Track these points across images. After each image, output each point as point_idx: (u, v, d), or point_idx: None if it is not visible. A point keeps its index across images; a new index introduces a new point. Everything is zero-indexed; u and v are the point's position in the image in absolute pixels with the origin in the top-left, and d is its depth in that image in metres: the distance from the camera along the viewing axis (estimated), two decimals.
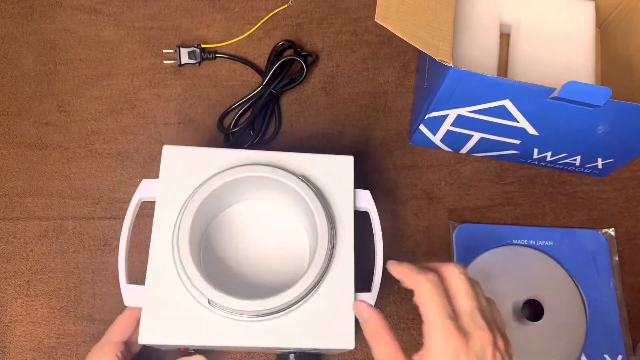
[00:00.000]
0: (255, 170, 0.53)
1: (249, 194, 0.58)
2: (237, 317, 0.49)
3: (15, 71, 0.71)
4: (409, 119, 0.72)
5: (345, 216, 0.54)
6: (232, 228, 0.58)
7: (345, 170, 0.56)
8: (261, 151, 0.56)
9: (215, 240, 0.57)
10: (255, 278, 0.56)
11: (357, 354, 0.62)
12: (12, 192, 0.66)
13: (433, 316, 0.41)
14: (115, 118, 0.70)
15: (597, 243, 0.68)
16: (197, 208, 0.51)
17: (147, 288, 0.50)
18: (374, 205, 0.56)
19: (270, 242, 0.58)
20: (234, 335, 0.49)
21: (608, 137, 0.60)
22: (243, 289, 0.54)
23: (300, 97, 0.72)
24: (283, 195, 0.56)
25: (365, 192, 0.56)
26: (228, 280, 0.55)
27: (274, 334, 0.49)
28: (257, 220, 0.58)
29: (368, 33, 0.76)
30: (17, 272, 0.63)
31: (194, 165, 0.54)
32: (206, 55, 0.72)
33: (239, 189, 0.55)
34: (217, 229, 0.58)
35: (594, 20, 0.70)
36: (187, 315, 0.49)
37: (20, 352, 0.61)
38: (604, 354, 0.64)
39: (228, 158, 0.55)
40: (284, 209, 0.59)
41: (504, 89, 0.55)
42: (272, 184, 0.54)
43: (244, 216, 0.58)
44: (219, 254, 0.57)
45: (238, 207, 0.58)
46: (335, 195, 0.55)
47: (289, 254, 0.57)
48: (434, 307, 0.42)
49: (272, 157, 0.55)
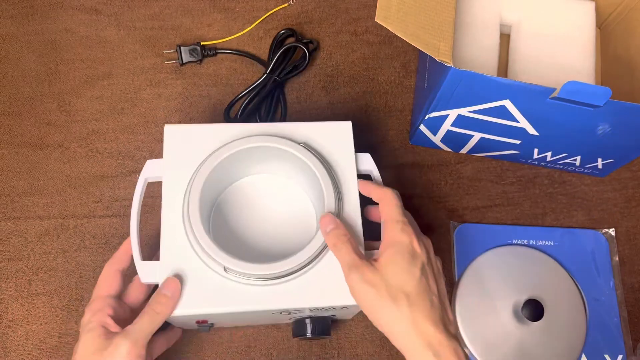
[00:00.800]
0: (257, 141, 0.54)
1: (253, 168, 0.58)
2: (254, 281, 0.50)
3: (16, 71, 0.71)
4: (409, 119, 0.73)
5: (349, 178, 0.55)
6: (240, 201, 0.58)
7: (345, 135, 0.57)
8: (260, 124, 0.57)
9: (224, 213, 0.58)
10: (265, 246, 0.57)
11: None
12: (13, 191, 0.66)
13: (393, 215, 0.50)
14: (116, 118, 0.70)
15: (597, 243, 0.68)
16: (204, 182, 0.52)
17: (162, 263, 0.50)
18: (375, 167, 0.57)
19: (278, 211, 0.58)
20: (252, 299, 0.50)
21: (608, 137, 0.60)
22: (254, 257, 0.55)
23: (300, 96, 0.72)
24: (287, 166, 0.57)
25: (366, 155, 0.57)
26: (239, 250, 0.56)
27: (290, 295, 0.50)
28: (264, 192, 0.59)
29: (368, 33, 0.76)
30: (18, 272, 0.63)
31: (197, 142, 0.55)
32: (207, 52, 0.72)
33: (243, 161, 0.56)
34: (225, 203, 0.58)
35: (594, 20, 0.70)
36: (204, 285, 0.50)
37: (22, 351, 0.61)
38: (604, 353, 0.64)
39: (229, 132, 0.56)
40: (290, 181, 0.59)
41: (504, 89, 0.55)
42: (275, 154, 0.55)
43: (250, 189, 0.59)
44: (228, 226, 0.57)
45: (244, 181, 0.59)
46: (337, 159, 0.56)
47: (296, 222, 0.58)
48: (395, 209, 0.50)
49: (272, 128, 0.56)
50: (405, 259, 0.47)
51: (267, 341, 0.62)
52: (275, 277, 0.50)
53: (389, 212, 0.51)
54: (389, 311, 0.46)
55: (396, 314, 0.45)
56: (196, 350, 0.62)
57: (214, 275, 0.50)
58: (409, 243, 0.48)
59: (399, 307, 0.45)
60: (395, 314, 0.45)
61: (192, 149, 0.55)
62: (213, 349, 0.62)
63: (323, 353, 0.62)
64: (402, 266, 0.47)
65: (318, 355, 0.62)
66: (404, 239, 0.48)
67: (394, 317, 0.46)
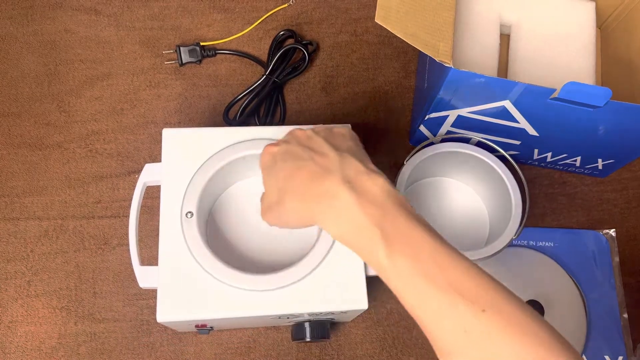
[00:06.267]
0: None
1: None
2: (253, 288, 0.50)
3: (15, 72, 0.71)
4: (409, 120, 0.72)
5: None
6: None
7: None
8: (259, 127, 0.57)
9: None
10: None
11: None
12: (12, 192, 0.66)
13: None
14: (116, 118, 0.70)
15: (597, 244, 0.68)
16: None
17: (161, 268, 0.50)
18: None
19: None
20: (250, 305, 0.50)
21: (608, 137, 0.60)
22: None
23: (300, 96, 0.72)
24: None
25: None
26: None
27: (288, 300, 0.50)
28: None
29: (368, 33, 0.76)
30: (18, 273, 0.63)
31: (195, 145, 0.55)
32: (206, 53, 0.72)
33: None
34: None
35: (594, 20, 0.70)
36: (202, 290, 0.50)
37: (22, 352, 0.61)
38: (605, 354, 0.64)
39: (228, 136, 0.55)
40: None
41: (504, 89, 0.55)
42: None
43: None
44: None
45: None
46: None
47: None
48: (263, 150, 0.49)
49: (271, 132, 0.56)
50: (264, 174, 0.48)
51: (266, 343, 0.62)
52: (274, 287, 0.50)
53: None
54: (289, 214, 0.45)
55: (295, 212, 0.44)
56: (196, 351, 0.62)
57: (213, 280, 0.50)
58: (261, 158, 0.49)
59: (284, 206, 0.44)
60: (295, 212, 0.44)
61: (190, 153, 0.54)
62: (212, 350, 0.62)
63: (323, 355, 0.62)
64: (264, 180, 0.48)
65: (318, 357, 0.62)
66: (263, 158, 0.49)
67: (296, 214, 0.44)
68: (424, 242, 0.38)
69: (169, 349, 0.61)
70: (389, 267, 0.38)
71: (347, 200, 0.40)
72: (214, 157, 0.54)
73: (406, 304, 0.39)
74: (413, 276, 0.37)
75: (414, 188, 0.67)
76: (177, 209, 0.52)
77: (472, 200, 0.68)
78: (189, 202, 0.52)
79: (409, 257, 0.38)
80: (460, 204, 0.67)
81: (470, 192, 0.68)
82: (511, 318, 0.36)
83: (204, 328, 0.55)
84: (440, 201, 0.67)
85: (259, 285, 0.50)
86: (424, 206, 0.67)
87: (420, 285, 0.37)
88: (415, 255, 0.38)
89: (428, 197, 0.67)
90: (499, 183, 0.62)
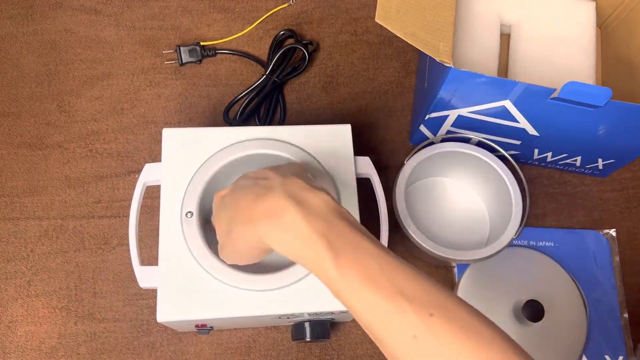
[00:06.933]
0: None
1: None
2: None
3: (15, 71, 0.71)
4: (409, 119, 0.72)
5: (348, 182, 0.55)
6: None
7: (344, 138, 0.57)
8: (259, 127, 0.57)
9: None
10: None
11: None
12: (12, 192, 0.66)
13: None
14: (116, 118, 0.70)
15: (598, 243, 0.68)
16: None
17: (161, 268, 0.51)
18: (374, 170, 0.57)
19: None
20: (250, 305, 0.50)
21: (609, 137, 0.60)
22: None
23: (300, 96, 0.72)
24: None
25: (365, 158, 0.57)
26: None
27: (288, 300, 0.50)
28: None
29: (368, 33, 0.76)
30: (18, 272, 0.63)
31: (195, 145, 0.55)
32: (206, 53, 0.72)
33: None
34: None
35: (595, 20, 0.70)
36: (202, 290, 0.50)
37: (22, 352, 0.61)
38: (605, 354, 0.64)
39: (228, 136, 0.56)
40: None
41: (504, 89, 0.55)
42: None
43: None
44: None
45: None
46: (336, 162, 0.56)
47: None
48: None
49: (271, 132, 0.56)
50: (214, 215, 0.48)
51: (266, 343, 0.62)
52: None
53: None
54: (238, 242, 0.44)
55: (242, 237, 0.43)
56: (196, 351, 0.62)
57: (213, 280, 0.50)
58: (212, 205, 0.48)
59: (233, 234, 0.43)
60: (242, 238, 0.43)
61: (190, 152, 0.55)
62: (212, 350, 0.62)
63: (323, 354, 0.62)
64: (214, 220, 0.47)
65: (318, 357, 0.62)
66: (214, 206, 0.48)
67: (244, 239, 0.43)
68: (370, 252, 0.39)
69: (169, 349, 0.61)
70: (338, 278, 0.38)
71: (293, 214, 0.40)
72: (214, 157, 0.54)
73: (355, 313, 0.39)
74: (361, 285, 0.38)
75: (414, 188, 0.67)
76: (177, 209, 0.52)
77: (472, 200, 0.67)
78: (189, 202, 0.52)
79: (357, 267, 0.38)
80: (461, 204, 0.67)
81: (470, 192, 0.68)
82: (460, 322, 0.36)
83: (204, 328, 0.55)
84: (441, 201, 0.67)
85: (258, 285, 0.50)
86: (424, 206, 0.67)
87: (368, 293, 0.37)
88: (363, 264, 0.38)
89: (428, 197, 0.67)
90: (499, 183, 0.62)
